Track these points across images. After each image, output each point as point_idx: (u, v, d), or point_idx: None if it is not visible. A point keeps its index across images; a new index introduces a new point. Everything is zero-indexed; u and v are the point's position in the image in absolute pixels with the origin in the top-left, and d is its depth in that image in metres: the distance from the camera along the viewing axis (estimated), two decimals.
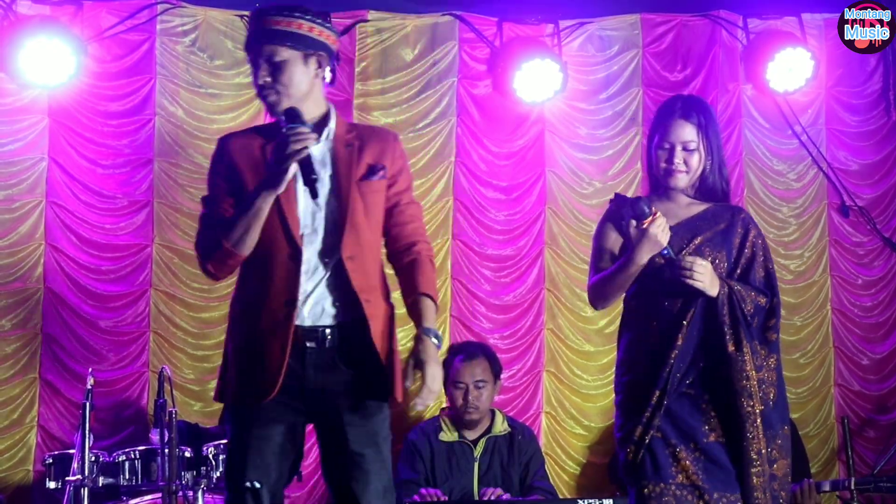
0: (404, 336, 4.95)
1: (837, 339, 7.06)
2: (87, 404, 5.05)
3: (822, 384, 7.03)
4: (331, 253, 3.63)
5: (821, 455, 6.96)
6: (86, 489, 4.98)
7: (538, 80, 6.69)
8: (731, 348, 3.96)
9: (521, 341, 6.78)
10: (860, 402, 7.02)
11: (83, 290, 6.31)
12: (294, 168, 3.56)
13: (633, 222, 4.00)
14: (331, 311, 3.63)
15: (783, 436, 4.02)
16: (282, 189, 3.58)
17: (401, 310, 3.79)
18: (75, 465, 5.02)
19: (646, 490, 3.95)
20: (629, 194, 6.85)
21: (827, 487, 5.94)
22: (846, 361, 7.05)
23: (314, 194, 3.57)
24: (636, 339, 4.08)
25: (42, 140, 6.36)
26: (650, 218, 3.96)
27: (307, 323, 3.60)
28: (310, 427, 3.73)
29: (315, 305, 3.62)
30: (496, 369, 6.09)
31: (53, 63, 6.17)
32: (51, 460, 5.35)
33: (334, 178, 3.67)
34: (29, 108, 6.35)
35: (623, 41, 7.00)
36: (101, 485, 5.19)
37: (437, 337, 3.63)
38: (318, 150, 3.68)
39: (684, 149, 4.10)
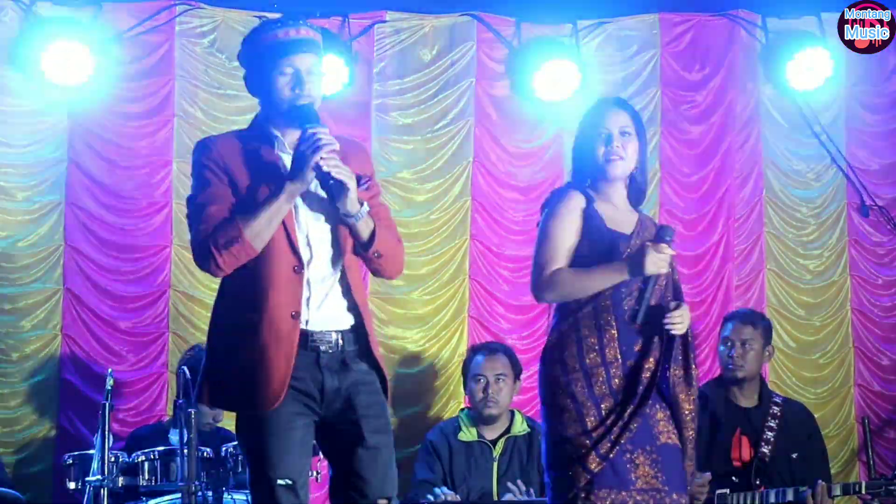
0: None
1: (857, 340, 7.04)
2: (107, 405, 5.06)
3: (841, 384, 7.01)
4: (335, 263, 3.71)
5: (841, 455, 6.93)
6: (105, 490, 4.99)
7: (557, 81, 6.68)
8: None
9: (539, 342, 6.74)
10: (880, 402, 7.00)
11: (102, 291, 6.33)
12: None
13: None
14: (338, 316, 3.71)
15: None
16: (308, 186, 3.59)
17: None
18: (95, 465, 5.03)
19: None
20: (648, 193, 6.94)
21: (838, 491, 5.89)
22: (866, 361, 7.02)
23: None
24: None
25: (62, 141, 6.38)
26: (667, 244, 3.89)
27: (318, 328, 3.67)
28: None
29: (324, 312, 3.69)
30: (517, 368, 6.06)
31: (73, 64, 6.20)
32: (70, 461, 5.34)
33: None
34: (49, 110, 6.37)
35: (642, 41, 6.98)
36: (120, 485, 5.19)
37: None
38: None
39: (621, 134, 4.05)
